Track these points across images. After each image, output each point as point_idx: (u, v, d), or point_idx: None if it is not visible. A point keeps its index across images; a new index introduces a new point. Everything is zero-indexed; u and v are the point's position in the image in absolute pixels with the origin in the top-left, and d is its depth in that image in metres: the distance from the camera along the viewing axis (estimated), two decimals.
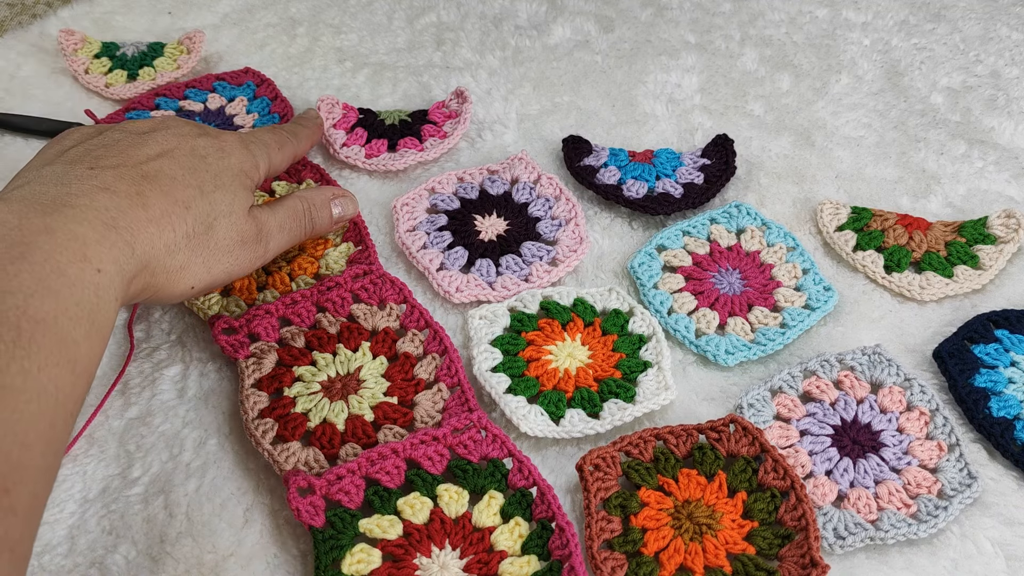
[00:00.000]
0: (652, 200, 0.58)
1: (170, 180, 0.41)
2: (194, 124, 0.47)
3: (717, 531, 0.41)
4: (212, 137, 0.46)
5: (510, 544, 0.41)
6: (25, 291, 0.33)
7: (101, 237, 0.37)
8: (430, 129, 0.63)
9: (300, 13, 0.75)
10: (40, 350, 0.32)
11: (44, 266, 0.34)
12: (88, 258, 0.36)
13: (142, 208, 0.39)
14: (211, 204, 0.43)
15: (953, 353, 0.49)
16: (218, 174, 0.44)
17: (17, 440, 0.31)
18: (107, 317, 0.36)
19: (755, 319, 0.52)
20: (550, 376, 0.48)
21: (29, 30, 0.72)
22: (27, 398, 0.32)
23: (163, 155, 0.43)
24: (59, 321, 0.33)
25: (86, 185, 0.38)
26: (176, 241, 0.41)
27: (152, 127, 0.45)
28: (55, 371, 0.33)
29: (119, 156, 0.41)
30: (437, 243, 0.55)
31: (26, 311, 0.33)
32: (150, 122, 0.46)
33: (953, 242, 0.56)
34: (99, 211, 0.37)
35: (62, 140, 0.44)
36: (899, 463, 0.45)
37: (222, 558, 0.41)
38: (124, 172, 0.40)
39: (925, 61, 0.71)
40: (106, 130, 0.44)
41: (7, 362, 0.31)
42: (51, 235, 0.35)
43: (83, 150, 0.42)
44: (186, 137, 0.45)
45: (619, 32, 0.74)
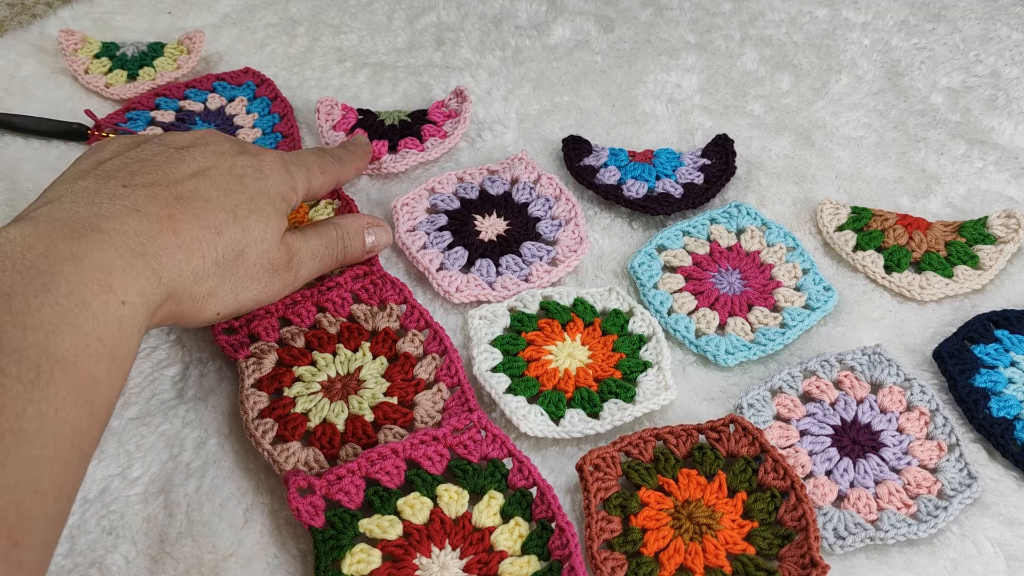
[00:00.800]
0: (652, 200, 0.58)
1: (204, 202, 0.40)
2: (235, 141, 0.45)
3: (717, 531, 0.41)
4: (252, 156, 0.44)
5: (510, 544, 0.41)
6: (47, 327, 0.32)
7: (128, 265, 0.36)
8: (430, 129, 0.63)
9: (300, 13, 0.75)
10: (59, 391, 0.31)
11: (69, 299, 0.33)
12: (113, 289, 0.35)
13: (172, 233, 0.38)
14: (243, 230, 0.41)
15: (953, 353, 0.49)
16: (254, 197, 0.43)
17: (31, 488, 0.30)
18: (129, 351, 0.35)
19: (755, 319, 0.52)
20: (550, 376, 0.48)
21: (29, 30, 0.72)
22: (43, 442, 0.31)
23: (199, 174, 0.41)
24: (80, 359, 0.33)
25: (117, 205, 0.37)
26: (205, 268, 0.40)
27: (191, 142, 0.44)
28: (72, 412, 0.32)
29: (154, 173, 0.40)
30: (437, 243, 0.55)
31: (47, 349, 0.32)
32: (190, 136, 0.44)
33: (953, 242, 0.56)
34: (127, 235, 0.36)
35: (100, 150, 0.42)
36: (899, 463, 0.45)
37: (222, 558, 0.41)
38: (157, 192, 0.39)
39: (925, 61, 0.71)
40: (144, 142, 0.43)
41: (24, 405, 0.30)
42: (77, 264, 0.34)
43: (119, 164, 0.41)
44: (225, 155, 0.43)
45: (619, 32, 0.74)
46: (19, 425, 0.30)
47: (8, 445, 0.29)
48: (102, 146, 0.43)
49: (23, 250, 0.34)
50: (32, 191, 0.59)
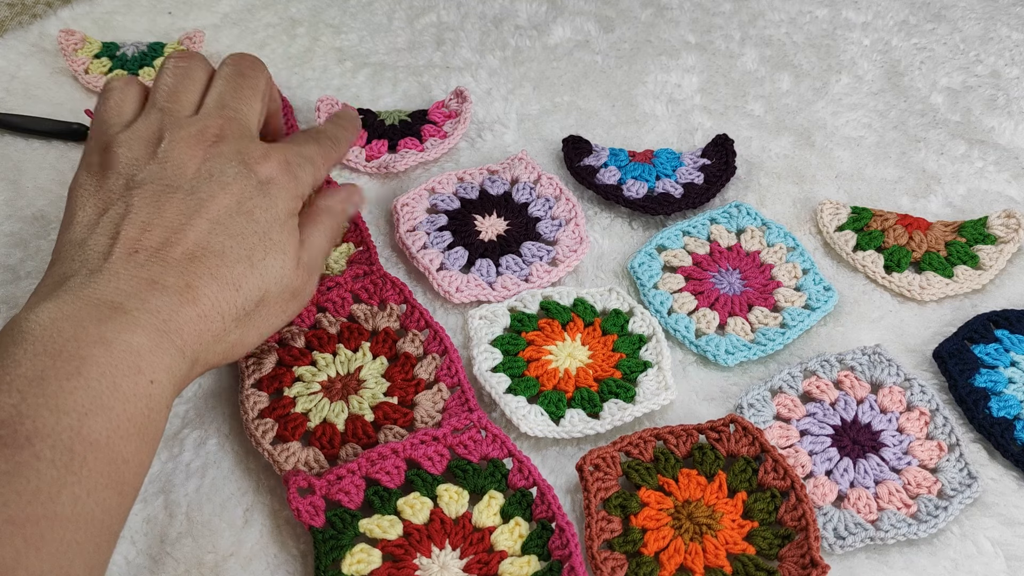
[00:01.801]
0: (652, 200, 0.58)
1: (218, 258, 0.39)
2: (232, 156, 0.42)
3: (717, 531, 0.41)
4: (254, 177, 0.42)
5: (510, 544, 0.41)
6: (80, 410, 0.32)
7: (154, 345, 0.35)
8: (430, 129, 0.63)
9: (300, 13, 0.75)
10: (91, 474, 0.32)
11: (100, 382, 0.33)
12: (142, 370, 0.35)
13: (192, 304, 0.37)
14: (262, 276, 0.40)
15: (953, 353, 0.49)
16: (267, 232, 0.41)
17: (63, 573, 0.30)
18: (157, 428, 0.36)
19: (755, 319, 0.52)
20: (550, 376, 0.48)
21: (29, 30, 0.72)
22: (76, 526, 0.31)
23: (207, 219, 0.39)
24: (111, 441, 0.33)
25: (135, 279, 0.37)
26: (225, 328, 0.39)
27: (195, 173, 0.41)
28: (104, 494, 0.32)
29: (161, 228, 0.39)
30: (437, 243, 0.55)
31: (80, 432, 0.32)
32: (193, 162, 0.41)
33: (953, 242, 0.56)
34: (151, 314, 0.36)
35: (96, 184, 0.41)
36: (899, 463, 0.45)
37: (222, 558, 0.41)
38: (169, 255, 0.38)
39: (925, 61, 0.71)
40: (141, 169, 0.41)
41: (58, 489, 0.30)
42: (107, 348, 0.34)
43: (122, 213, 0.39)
44: (230, 186, 0.41)
45: (619, 32, 0.74)
46: (53, 510, 0.30)
47: (43, 531, 0.30)
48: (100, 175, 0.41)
49: (53, 333, 0.34)
50: (32, 191, 0.59)
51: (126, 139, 0.42)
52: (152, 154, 0.41)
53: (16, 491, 0.30)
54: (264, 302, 0.41)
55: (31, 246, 0.55)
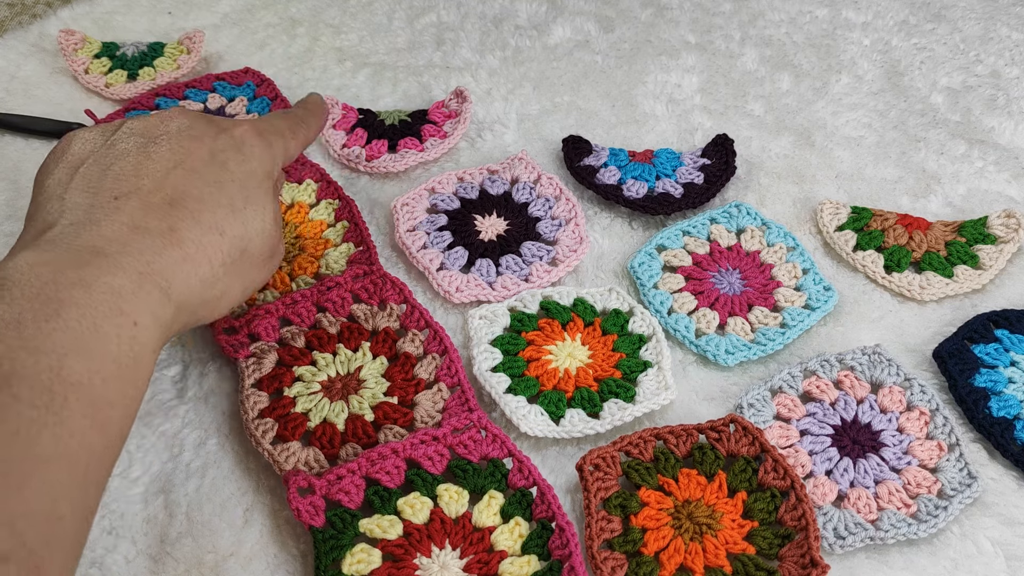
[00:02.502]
0: (652, 200, 0.58)
1: (198, 202, 0.39)
2: (204, 117, 0.43)
3: (717, 531, 0.41)
4: (228, 134, 0.43)
5: (510, 544, 0.41)
6: (59, 351, 0.31)
7: (136, 287, 0.35)
8: (430, 129, 0.63)
9: (300, 13, 0.75)
10: (72, 415, 0.31)
11: (80, 323, 0.32)
12: (124, 312, 0.34)
13: (176, 246, 0.37)
14: (244, 224, 0.41)
15: (953, 353, 0.49)
16: (244, 184, 0.42)
17: (49, 513, 0.29)
18: (143, 373, 0.35)
19: (755, 319, 0.52)
20: (550, 376, 0.48)
21: (29, 30, 0.72)
22: (58, 467, 0.30)
23: (180, 165, 0.40)
24: (93, 382, 0.32)
25: (116, 224, 0.37)
26: (214, 272, 0.39)
27: (162, 129, 0.42)
28: (87, 436, 0.31)
29: (137, 175, 0.39)
30: (437, 243, 0.55)
31: (59, 373, 0.31)
32: (157, 120, 0.42)
33: (953, 242, 0.56)
34: (133, 256, 0.36)
35: (67, 149, 0.41)
36: (899, 463, 0.45)
37: (222, 558, 0.41)
38: (149, 200, 0.38)
39: (925, 61, 0.71)
40: (111, 133, 0.41)
41: (39, 429, 0.30)
42: (86, 289, 0.33)
43: (97, 169, 0.39)
44: (201, 139, 0.42)
45: (619, 32, 0.74)
46: (34, 451, 0.30)
47: (25, 471, 0.29)
48: (69, 143, 0.41)
49: (31, 278, 0.33)
50: (30, 190, 0.59)
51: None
52: (125, 121, 0.42)
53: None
54: (247, 253, 0.41)
55: None
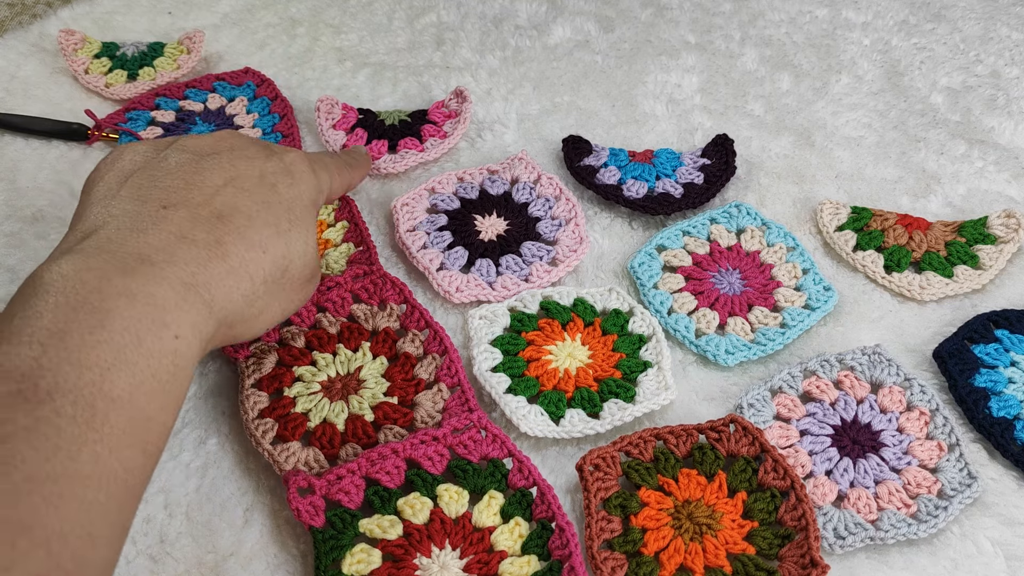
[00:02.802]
0: (652, 200, 0.58)
1: (246, 219, 0.39)
2: (257, 142, 0.44)
3: (717, 531, 0.41)
4: (278, 158, 0.43)
5: (510, 544, 0.41)
6: (103, 365, 0.31)
7: (180, 299, 0.35)
8: (430, 129, 0.63)
9: (300, 13, 0.75)
10: (113, 431, 0.31)
11: (123, 336, 0.32)
12: (167, 324, 0.34)
13: (221, 259, 0.37)
14: (287, 245, 0.41)
15: (953, 353, 0.49)
16: (291, 207, 0.42)
17: (84, 532, 0.29)
18: (182, 386, 0.35)
19: (755, 319, 0.52)
20: (550, 376, 0.48)
21: (29, 30, 0.72)
22: (97, 485, 0.30)
23: (231, 183, 0.40)
24: (135, 397, 0.32)
25: (163, 233, 0.37)
26: (254, 289, 0.39)
27: (214, 147, 0.42)
28: (127, 452, 0.31)
29: (187, 188, 0.39)
30: (437, 243, 0.55)
31: (102, 387, 0.31)
32: (211, 140, 0.43)
33: (953, 242, 0.56)
34: (178, 266, 0.36)
35: (119, 159, 0.41)
36: (899, 463, 0.45)
37: (222, 558, 0.41)
38: (198, 213, 0.38)
39: (925, 61, 0.71)
40: (164, 148, 0.42)
41: (79, 447, 0.30)
42: (131, 300, 0.33)
43: (147, 179, 0.39)
44: (253, 160, 0.42)
45: (619, 32, 0.74)
46: (74, 467, 0.29)
47: (63, 489, 0.29)
48: (121, 155, 0.41)
49: (76, 285, 0.33)
50: (32, 191, 0.59)
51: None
52: (177, 138, 0.43)
53: (35, 447, 0.29)
54: (288, 273, 0.41)
55: (30, 246, 0.55)
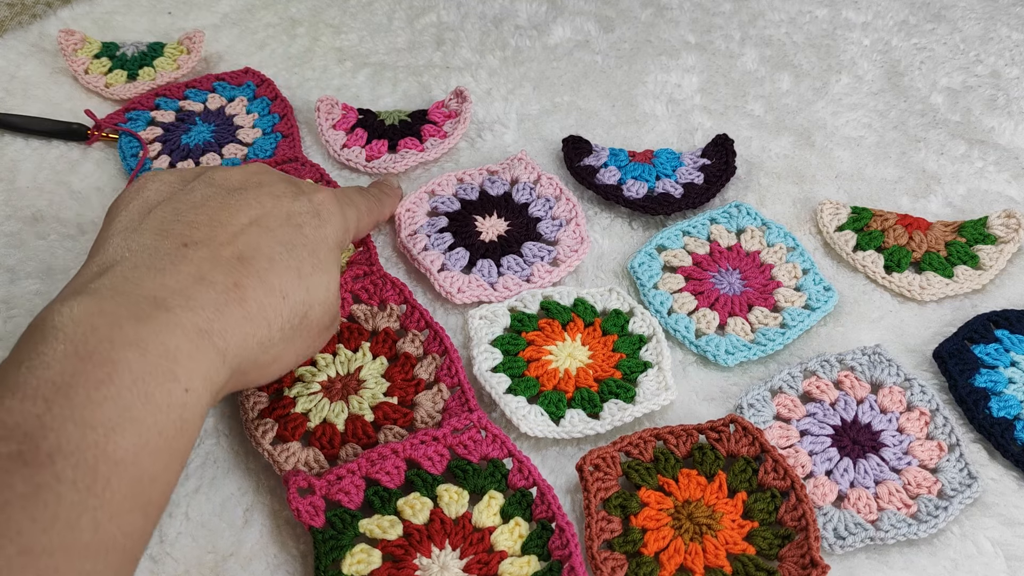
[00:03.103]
0: (652, 200, 0.58)
1: (267, 261, 0.38)
2: (286, 178, 0.43)
3: (717, 531, 0.41)
4: (307, 198, 0.42)
5: (510, 544, 0.41)
6: (107, 424, 0.30)
7: (193, 348, 0.34)
8: (430, 129, 0.63)
9: (300, 13, 0.75)
10: (114, 496, 0.29)
11: (131, 391, 0.31)
12: (178, 377, 0.33)
13: (239, 304, 0.36)
14: (308, 291, 0.39)
15: (953, 353, 0.49)
16: (315, 250, 0.40)
17: None
18: (189, 441, 0.34)
19: (755, 319, 0.52)
20: (550, 376, 0.48)
21: (29, 30, 0.72)
22: (95, 555, 0.29)
23: (256, 222, 0.39)
24: (139, 458, 0.31)
25: (181, 274, 0.35)
26: (271, 336, 0.38)
27: (242, 182, 0.41)
28: (127, 518, 0.30)
29: (210, 225, 0.38)
30: (438, 244, 0.55)
31: (105, 449, 0.30)
32: (240, 174, 0.41)
33: (953, 242, 0.56)
34: (194, 311, 0.34)
35: (144, 188, 0.40)
36: (899, 463, 0.45)
37: (222, 558, 0.41)
38: (219, 253, 0.37)
39: (925, 61, 0.71)
40: (191, 179, 0.41)
41: (78, 514, 0.28)
42: (142, 351, 0.32)
43: (171, 212, 0.38)
44: (281, 199, 0.41)
45: (619, 32, 0.74)
46: (72, 538, 0.28)
47: (59, 562, 0.28)
48: (146, 184, 0.40)
49: (86, 332, 0.31)
50: (32, 191, 0.59)
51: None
52: (204, 169, 0.42)
53: (32, 517, 0.28)
54: (307, 319, 0.40)
55: (30, 247, 0.55)
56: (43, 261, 0.54)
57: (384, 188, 0.53)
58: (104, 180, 0.60)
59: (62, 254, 0.55)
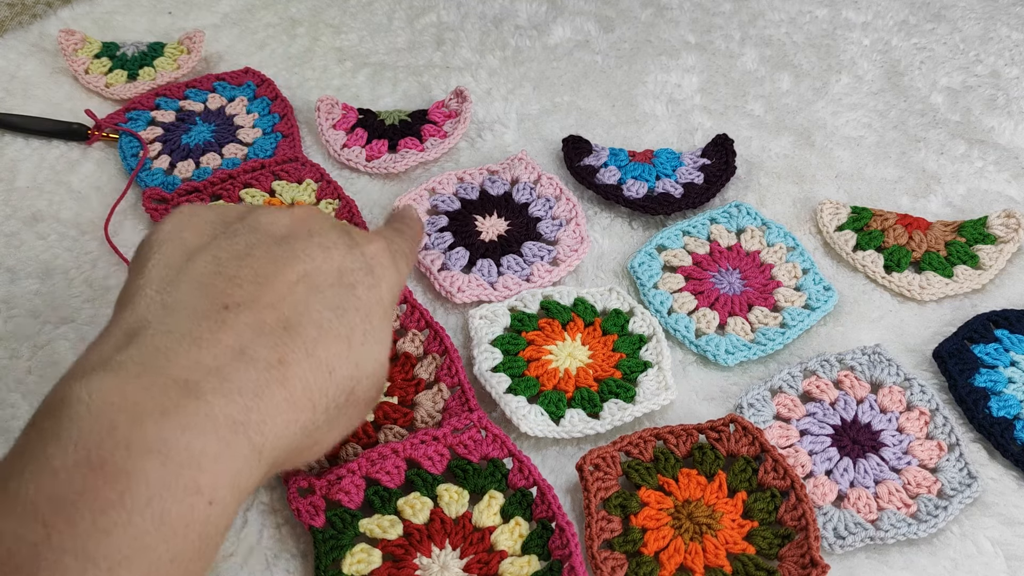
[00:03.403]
0: (652, 200, 0.58)
1: (316, 330, 0.33)
2: (336, 225, 0.37)
3: (717, 531, 0.41)
4: (360, 251, 0.37)
5: (510, 544, 0.41)
6: (112, 557, 0.26)
7: (224, 447, 0.29)
8: (430, 129, 0.63)
9: (300, 13, 0.75)
10: None
11: (144, 514, 0.27)
12: (201, 488, 0.28)
13: (281, 384, 0.31)
14: (357, 365, 0.34)
15: (953, 353, 0.49)
16: (368, 314, 0.35)
17: None
18: (207, 562, 0.29)
19: (755, 319, 0.52)
20: (550, 376, 0.48)
21: (29, 30, 0.72)
22: None
23: (305, 279, 0.34)
24: None
25: (220, 346, 0.31)
26: (315, 419, 0.33)
27: (290, 230, 0.36)
28: None
29: (255, 282, 0.33)
30: (438, 244, 0.55)
31: None
32: (287, 219, 0.36)
33: (953, 242, 0.56)
34: (230, 398, 0.30)
35: (181, 230, 0.35)
36: (899, 463, 0.45)
37: (222, 558, 0.41)
38: (263, 319, 0.32)
39: (925, 61, 0.71)
40: (233, 221, 0.36)
41: None
42: (163, 460, 0.27)
43: (211, 262, 0.33)
44: (331, 252, 0.35)
45: (619, 32, 0.74)
46: None
47: None
48: (183, 223, 0.35)
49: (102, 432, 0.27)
50: (31, 191, 0.59)
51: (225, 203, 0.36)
52: (249, 210, 0.37)
53: None
54: (352, 396, 0.35)
55: (29, 247, 0.55)
56: (43, 261, 0.54)
57: (411, 224, 0.45)
58: (104, 180, 0.60)
59: (62, 254, 0.55)
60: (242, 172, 0.58)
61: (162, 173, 0.59)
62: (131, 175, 0.59)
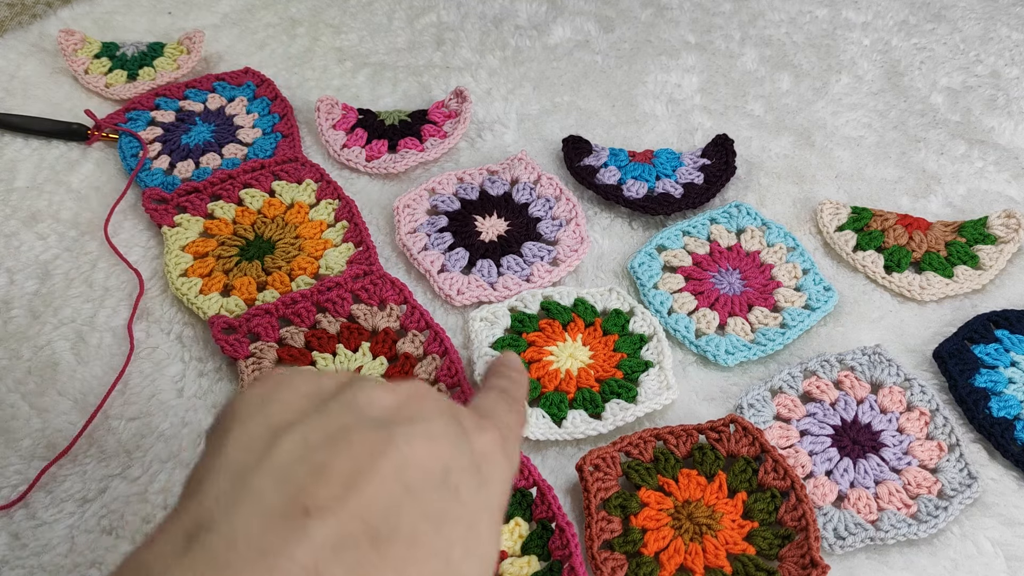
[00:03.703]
0: (652, 200, 0.58)
1: (408, 544, 0.28)
2: (446, 409, 0.31)
3: (717, 531, 0.41)
4: (469, 445, 0.31)
5: (510, 544, 0.41)
6: None
7: None
8: (430, 129, 0.63)
9: (300, 13, 0.75)
10: None
11: None
12: None
13: None
14: None
15: (953, 353, 0.49)
16: (472, 523, 0.30)
17: None
18: None
19: (755, 319, 0.52)
20: (551, 377, 0.48)
21: (29, 30, 0.72)
22: None
23: (400, 477, 0.28)
24: None
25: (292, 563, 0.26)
26: None
27: (391, 413, 0.30)
28: None
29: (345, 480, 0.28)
30: (438, 244, 0.55)
31: None
32: (390, 399, 0.31)
33: (953, 242, 0.56)
34: None
35: (270, 402, 0.30)
36: (899, 463, 0.45)
37: None
38: (347, 528, 0.27)
39: (925, 61, 0.71)
40: (329, 396, 0.31)
41: None
42: None
43: (299, 447, 0.28)
44: (437, 444, 0.30)
45: (619, 32, 0.74)
46: None
47: None
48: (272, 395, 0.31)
49: None
50: (31, 191, 0.59)
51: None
52: (348, 382, 0.32)
53: None
54: None
55: (29, 247, 0.55)
56: (42, 262, 0.54)
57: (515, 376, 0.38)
58: (104, 180, 0.60)
59: (61, 254, 0.55)
60: (242, 172, 0.58)
61: (162, 173, 0.59)
62: (131, 175, 0.59)
